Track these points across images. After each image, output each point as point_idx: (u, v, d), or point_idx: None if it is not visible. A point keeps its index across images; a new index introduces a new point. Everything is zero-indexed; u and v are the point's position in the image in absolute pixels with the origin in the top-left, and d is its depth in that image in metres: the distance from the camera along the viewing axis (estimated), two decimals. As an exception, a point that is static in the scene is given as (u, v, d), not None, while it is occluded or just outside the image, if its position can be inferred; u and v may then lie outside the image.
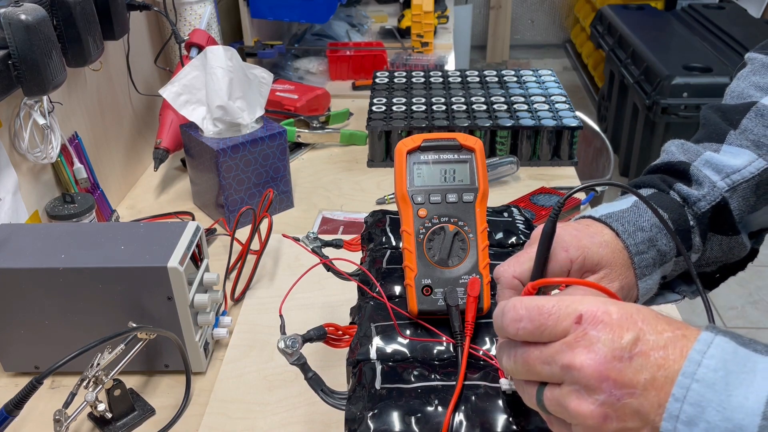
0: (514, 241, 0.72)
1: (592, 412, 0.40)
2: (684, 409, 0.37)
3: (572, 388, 0.41)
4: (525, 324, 0.43)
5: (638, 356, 0.39)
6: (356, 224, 1.12)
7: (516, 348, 0.45)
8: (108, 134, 1.18)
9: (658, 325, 0.41)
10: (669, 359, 0.39)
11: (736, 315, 2.36)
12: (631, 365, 0.39)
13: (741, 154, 0.60)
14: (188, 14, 1.38)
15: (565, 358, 0.41)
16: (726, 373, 0.38)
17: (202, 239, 0.80)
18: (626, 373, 0.39)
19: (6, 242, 0.76)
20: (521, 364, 0.44)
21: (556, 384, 0.43)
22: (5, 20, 0.80)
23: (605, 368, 0.39)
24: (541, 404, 0.44)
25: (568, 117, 1.28)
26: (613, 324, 0.41)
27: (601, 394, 0.40)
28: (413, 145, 0.62)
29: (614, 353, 0.40)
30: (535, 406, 0.45)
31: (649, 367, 0.39)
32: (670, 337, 0.40)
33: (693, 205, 0.60)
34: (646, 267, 0.57)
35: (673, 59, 2.87)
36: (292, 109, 1.46)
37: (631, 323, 0.40)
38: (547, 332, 0.42)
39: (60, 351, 0.67)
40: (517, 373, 0.46)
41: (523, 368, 0.45)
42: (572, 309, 0.42)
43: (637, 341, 0.40)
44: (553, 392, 0.43)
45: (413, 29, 1.89)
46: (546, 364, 0.42)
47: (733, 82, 0.67)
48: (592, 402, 0.40)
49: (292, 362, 0.58)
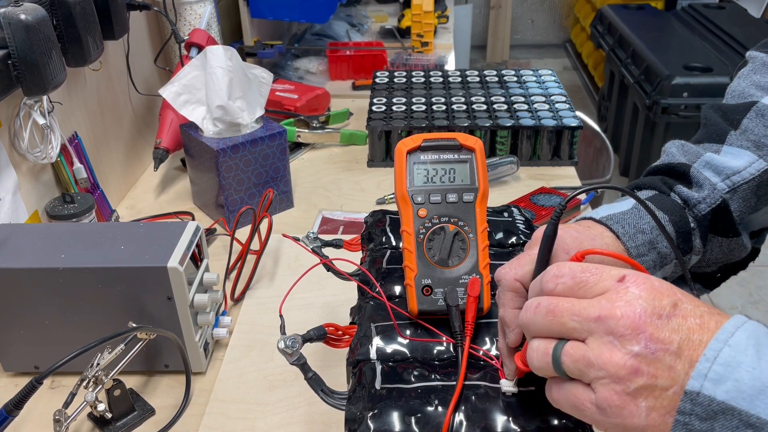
0: (515, 241, 0.72)
1: (625, 363, 0.40)
2: (713, 368, 0.38)
3: (605, 339, 0.41)
4: (566, 279, 0.44)
5: (676, 317, 0.40)
6: (356, 224, 1.12)
7: (541, 300, 0.45)
8: (108, 134, 1.18)
9: (695, 300, 0.42)
10: (704, 327, 0.40)
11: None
12: (669, 324, 0.40)
13: (741, 155, 0.60)
14: (188, 14, 1.38)
15: (602, 309, 0.41)
16: (757, 342, 0.39)
17: (202, 239, 0.80)
18: (663, 329, 0.40)
19: (6, 242, 0.76)
20: (544, 314, 0.44)
21: (579, 341, 0.42)
22: (5, 20, 0.80)
23: (643, 321, 0.40)
24: (557, 361, 0.43)
25: (568, 117, 1.28)
26: (654, 288, 0.42)
27: (636, 345, 0.40)
28: (413, 145, 0.62)
29: (654, 310, 0.40)
30: (547, 363, 0.44)
31: (685, 329, 0.40)
32: (706, 311, 0.41)
33: (693, 208, 0.60)
34: (646, 269, 0.57)
35: (673, 59, 2.87)
36: (292, 109, 1.46)
37: (671, 292, 0.42)
38: (586, 288, 0.43)
39: (60, 351, 0.67)
40: (536, 326, 0.45)
41: (545, 319, 0.44)
42: (615, 272, 0.43)
43: (676, 306, 0.41)
44: (577, 345, 0.42)
45: (413, 29, 1.89)
46: (575, 315, 0.42)
47: (734, 80, 0.67)
48: (626, 353, 0.40)
49: (292, 362, 0.58)
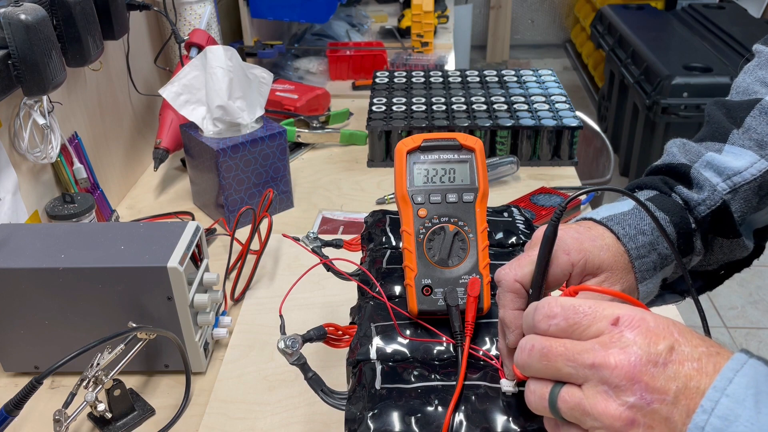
0: (514, 241, 0.71)
1: (621, 414, 0.39)
2: (711, 421, 0.37)
3: (599, 388, 0.40)
4: (558, 321, 0.43)
5: (672, 364, 0.39)
6: (356, 224, 1.12)
7: (535, 341, 0.44)
8: (108, 134, 1.18)
9: (693, 340, 0.40)
10: (702, 372, 0.39)
11: (736, 315, 2.36)
12: (665, 372, 0.39)
13: (743, 155, 0.59)
14: (188, 14, 1.38)
15: (596, 357, 0.40)
16: (757, 391, 0.37)
17: (202, 239, 0.80)
18: (659, 378, 0.39)
19: (6, 242, 0.76)
20: (538, 359, 0.43)
21: (575, 385, 0.42)
22: (5, 20, 0.80)
23: (639, 371, 0.39)
24: (554, 406, 0.42)
25: (568, 117, 1.28)
26: (650, 330, 0.40)
27: (631, 396, 0.39)
28: (413, 145, 0.62)
29: (649, 357, 0.39)
30: (544, 407, 0.43)
31: (682, 376, 0.39)
32: (704, 351, 0.40)
33: (693, 209, 0.59)
34: (646, 271, 0.57)
35: (673, 59, 2.87)
36: (292, 109, 1.46)
37: (667, 333, 0.40)
38: (579, 331, 0.42)
39: (60, 351, 0.67)
40: (531, 369, 0.44)
41: (540, 364, 0.43)
42: (609, 312, 0.41)
43: (672, 350, 0.39)
44: (573, 392, 0.41)
45: (413, 29, 1.89)
46: (570, 362, 0.41)
47: (740, 75, 0.66)
48: (621, 404, 0.39)
49: (292, 362, 0.58)
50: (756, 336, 2.26)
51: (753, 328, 2.30)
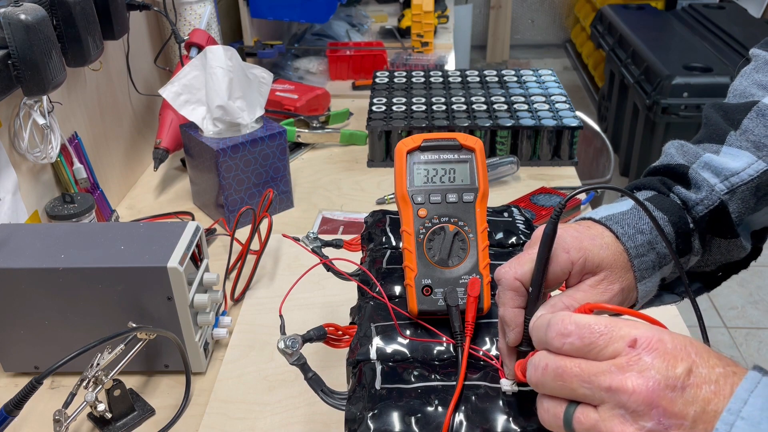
0: (515, 241, 0.72)
1: None
2: None
3: (616, 412, 0.40)
4: (573, 340, 0.42)
5: (690, 388, 0.39)
6: (356, 224, 1.12)
7: (548, 359, 0.43)
8: (108, 134, 1.18)
9: (710, 360, 0.40)
10: (720, 394, 0.38)
11: (736, 315, 2.36)
12: (683, 396, 0.39)
13: (741, 157, 0.59)
14: (188, 14, 1.38)
15: (613, 380, 0.40)
16: None
17: (202, 239, 0.80)
18: (677, 403, 0.38)
19: (6, 242, 0.76)
20: (553, 378, 0.42)
21: (590, 405, 0.41)
22: (5, 20, 0.80)
23: (657, 395, 0.38)
24: (569, 425, 0.42)
25: (568, 117, 1.28)
26: (667, 353, 0.40)
27: (649, 421, 0.39)
28: (413, 145, 0.62)
29: (667, 381, 0.39)
30: (559, 426, 0.43)
31: (700, 400, 0.38)
32: (721, 372, 0.39)
33: (691, 210, 0.60)
34: (645, 270, 0.57)
35: (673, 59, 2.87)
36: (292, 109, 1.46)
37: (684, 354, 0.40)
38: (595, 351, 0.41)
39: (60, 351, 0.67)
40: (545, 388, 0.43)
41: (555, 383, 0.42)
42: (625, 332, 0.41)
43: (690, 373, 0.39)
44: (588, 414, 0.41)
45: (413, 29, 1.89)
46: (586, 383, 0.41)
47: (737, 79, 0.67)
48: (638, 428, 0.39)
49: (292, 362, 0.58)
50: (756, 336, 2.26)
51: (753, 328, 2.30)
